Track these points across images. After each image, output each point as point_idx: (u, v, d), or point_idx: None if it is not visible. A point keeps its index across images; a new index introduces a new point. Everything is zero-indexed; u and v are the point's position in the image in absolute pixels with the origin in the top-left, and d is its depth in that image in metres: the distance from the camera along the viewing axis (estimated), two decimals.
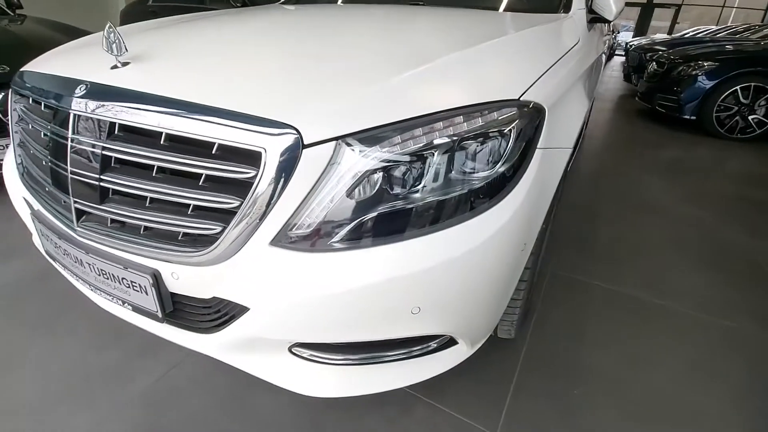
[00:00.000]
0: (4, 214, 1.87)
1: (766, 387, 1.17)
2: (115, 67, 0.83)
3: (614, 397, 1.11)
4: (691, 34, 9.80)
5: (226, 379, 1.09)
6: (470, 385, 1.12)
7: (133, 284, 0.80)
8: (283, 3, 2.06)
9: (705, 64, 3.93)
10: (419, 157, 0.71)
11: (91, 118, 0.77)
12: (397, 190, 0.71)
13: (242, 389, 1.07)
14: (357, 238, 0.70)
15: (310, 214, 0.69)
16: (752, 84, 3.74)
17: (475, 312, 0.80)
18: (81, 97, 0.79)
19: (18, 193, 1.06)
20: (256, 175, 0.67)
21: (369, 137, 0.68)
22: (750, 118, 3.84)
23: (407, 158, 0.70)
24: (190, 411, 1.02)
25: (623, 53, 12.10)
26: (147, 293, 0.79)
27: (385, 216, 0.70)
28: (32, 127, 0.96)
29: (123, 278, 0.81)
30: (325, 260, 0.69)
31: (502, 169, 0.75)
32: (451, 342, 0.85)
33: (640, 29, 13.83)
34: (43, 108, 0.91)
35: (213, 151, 0.70)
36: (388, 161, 0.69)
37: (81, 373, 1.11)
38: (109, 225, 0.80)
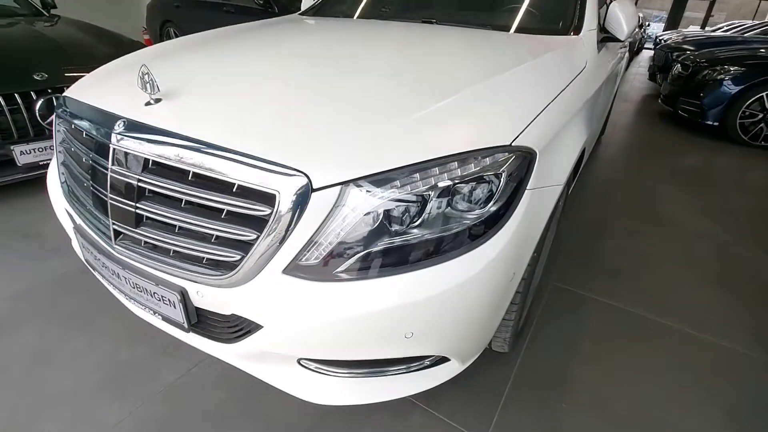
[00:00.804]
0: (42, 213, 2.02)
1: (754, 411, 1.22)
2: (148, 103, 0.93)
3: (599, 412, 1.18)
4: (725, 28, 9.46)
5: (241, 378, 1.21)
6: (465, 395, 1.21)
7: (164, 298, 0.91)
8: (302, 14, 2.13)
9: (731, 68, 3.84)
10: (417, 198, 0.79)
11: (129, 153, 0.88)
12: (395, 228, 0.79)
13: (256, 388, 1.18)
14: (358, 270, 0.79)
15: (318, 248, 0.78)
16: None
17: (464, 336, 0.89)
18: (120, 133, 0.89)
19: (60, 204, 1.18)
20: (271, 213, 0.76)
21: (371, 181, 0.76)
22: None
23: (406, 200, 0.78)
24: (208, 406, 1.14)
25: (652, 47, 11.76)
26: (175, 307, 0.90)
27: (383, 252, 0.78)
28: (74, 150, 1.07)
29: (155, 293, 0.92)
30: (329, 289, 0.78)
31: (493, 209, 0.83)
32: (443, 359, 0.94)
33: (672, 22, 13.33)
34: (84, 135, 1.02)
35: (234, 189, 0.79)
36: (388, 203, 0.77)
37: (113, 367, 1.25)
38: (142, 246, 0.91)
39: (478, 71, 1.07)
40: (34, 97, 2.02)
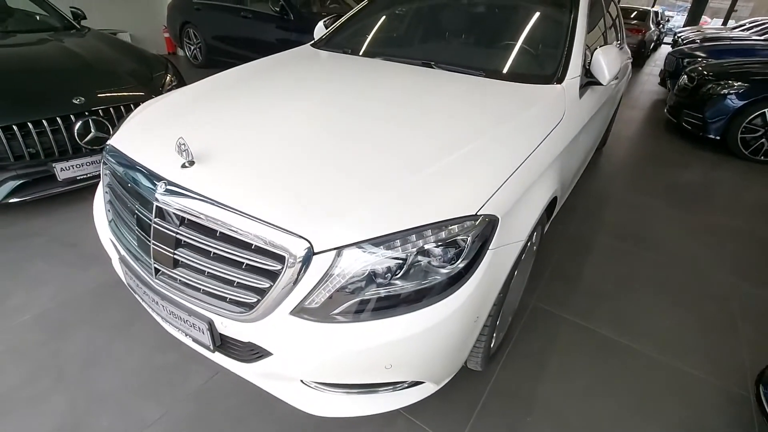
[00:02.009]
0: (78, 222, 2.27)
1: None
2: (184, 165, 1.14)
3: (558, 426, 1.39)
4: (748, 25, 9.28)
5: (255, 386, 1.43)
6: (444, 406, 1.42)
7: (194, 326, 1.14)
8: (314, 44, 2.31)
9: (735, 83, 3.90)
10: (398, 258, 0.98)
11: (169, 210, 1.09)
12: (380, 281, 0.99)
13: (268, 395, 1.41)
14: (351, 313, 0.99)
15: (317, 297, 0.98)
16: None
17: (434, 365, 1.09)
18: (162, 193, 1.10)
19: (106, 235, 1.40)
20: (282, 269, 0.97)
21: (361, 245, 0.96)
22: None
23: (389, 260, 0.98)
24: (230, 407, 1.37)
25: (671, 42, 11.57)
26: (204, 333, 1.13)
27: (370, 300, 0.99)
28: (120, 194, 1.29)
29: (187, 320, 1.15)
30: (326, 328, 0.99)
31: (461, 266, 1.02)
32: (419, 382, 1.15)
33: (693, 17, 13.02)
34: (129, 185, 1.24)
35: (252, 246, 1.00)
36: (375, 262, 0.97)
37: (149, 370, 1.49)
38: (178, 282, 1.13)
39: (458, 137, 1.25)
40: (73, 120, 2.25)
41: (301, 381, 1.12)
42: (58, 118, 2.21)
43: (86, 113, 2.30)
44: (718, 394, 1.55)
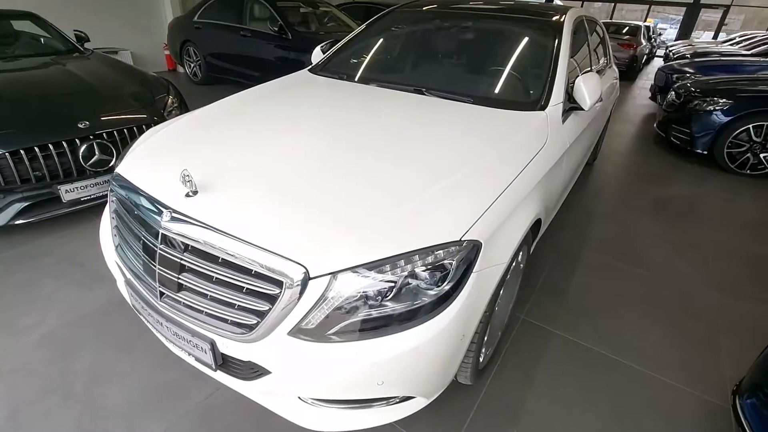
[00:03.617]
0: (84, 242, 2.35)
1: None
2: (188, 195, 1.22)
3: None
4: (738, 39, 9.50)
5: (254, 401, 1.49)
6: (436, 419, 1.48)
7: (197, 346, 1.21)
8: (311, 69, 2.41)
9: (720, 100, 4.02)
10: (389, 282, 1.06)
11: (173, 237, 1.17)
12: (371, 303, 1.06)
13: (267, 410, 1.47)
14: (344, 333, 1.06)
15: (313, 319, 1.06)
16: (765, 123, 3.81)
17: (423, 381, 1.16)
18: (167, 221, 1.18)
19: (111, 258, 1.48)
20: (280, 293, 1.04)
21: (355, 271, 1.04)
22: (762, 156, 3.92)
23: (380, 284, 1.06)
24: (229, 423, 1.43)
25: (663, 56, 11.80)
26: (206, 353, 1.19)
27: (362, 321, 1.06)
28: (126, 220, 1.37)
29: (190, 341, 1.22)
30: (321, 348, 1.06)
31: (446, 288, 1.10)
32: (410, 396, 1.22)
33: (684, 31, 13.30)
34: (135, 212, 1.31)
35: (252, 272, 1.08)
36: (366, 286, 1.05)
37: (152, 387, 1.55)
38: (182, 305, 1.20)
39: (445, 166, 1.34)
40: (78, 143, 2.34)
41: (299, 397, 1.19)
42: (63, 142, 2.30)
43: (91, 137, 2.39)
44: (699, 406, 1.61)
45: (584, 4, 16.04)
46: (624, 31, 9.40)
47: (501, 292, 1.42)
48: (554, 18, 2.21)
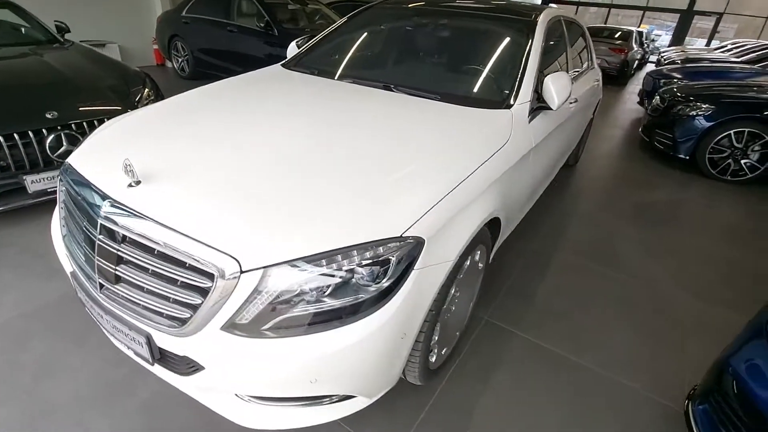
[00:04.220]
0: (48, 234, 2.30)
1: None
2: (130, 185, 1.19)
3: None
4: (730, 46, 9.56)
5: None
6: (385, 419, 1.46)
7: (135, 339, 1.18)
8: (284, 64, 2.39)
9: (703, 105, 4.03)
10: (324, 277, 1.04)
11: (111, 228, 1.14)
12: (307, 299, 1.04)
13: None
14: (278, 329, 1.04)
15: (247, 314, 1.03)
16: (746, 129, 3.82)
17: (363, 380, 1.14)
18: (106, 211, 1.15)
19: (62, 250, 1.45)
20: (212, 286, 1.02)
21: (289, 265, 1.02)
22: (742, 162, 3.93)
23: (315, 280, 1.03)
24: (176, 421, 1.40)
25: (655, 62, 11.87)
26: (143, 346, 1.17)
27: (297, 318, 1.04)
28: (72, 211, 1.34)
29: (128, 334, 1.19)
30: (254, 344, 1.03)
31: (385, 285, 1.08)
32: (350, 396, 1.19)
33: (677, 37, 13.38)
34: (80, 202, 1.29)
35: (186, 265, 1.05)
36: (301, 281, 1.03)
37: (102, 382, 1.52)
38: (120, 297, 1.18)
39: (398, 161, 1.32)
40: (45, 133, 2.30)
41: (236, 395, 1.16)
42: (30, 132, 2.26)
43: (59, 127, 2.35)
44: (656, 410, 1.60)
45: (579, 9, 16.10)
46: (616, 36, 9.44)
47: (453, 291, 1.40)
48: (528, 17, 2.20)
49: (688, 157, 4.16)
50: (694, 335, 1.99)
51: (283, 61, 2.44)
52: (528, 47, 2.01)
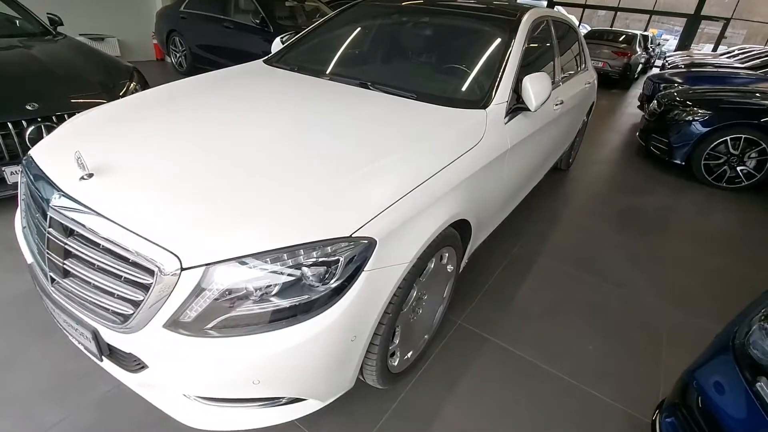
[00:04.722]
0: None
1: None
2: (82, 178, 1.17)
3: None
4: (736, 52, 9.45)
5: None
6: (345, 422, 1.44)
7: (82, 334, 1.16)
8: (266, 60, 2.37)
9: (699, 110, 3.97)
10: (269, 276, 1.01)
11: (60, 221, 1.12)
12: (252, 298, 1.02)
13: None
14: (221, 328, 1.01)
15: (189, 312, 1.01)
16: (743, 136, 3.76)
17: (310, 383, 1.12)
18: (55, 204, 1.14)
19: (23, 242, 1.43)
20: (153, 282, 1.00)
21: (232, 264, 0.99)
22: (738, 169, 3.87)
23: (260, 279, 1.01)
24: (130, 417, 1.38)
25: (660, 66, 11.78)
26: (90, 341, 1.15)
27: (240, 317, 1.01)
28: (28, 203, 1.32)
29: (76, 329, 1.17)
30: (194, 343, 1.01)
31: (333, 286, 1.05)
32: (299, 399, 1.17)
33: (684, 42, 13.25)
34: (35, 194, 1.27)
35: (130, 260, 1.03)
36: (245, 280, 1.00)
37: (60, 375, 1.50)
38: (68, 292, 1.16)
39: (359, 159, 1.29)
40: (25, 125, 2.30)
41: (183, 394, 1.14)
42: (9, 124, 2.25)
43: (39, 119, 2.34)
44: (624, 421, 1.57)
45: (586, 12, 15.99)
46: (620, 39, 9.35)
47: (414, 293, 1.37)
48: (511, 17, 2.16)
49: (683, 163, 4.10)
50: (671, 346, 1.95)
51: (266, 57, 2.42)
52: (508, 47, 1.97)
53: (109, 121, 1.55)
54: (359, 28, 2.44)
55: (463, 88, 1.91)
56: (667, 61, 8.95)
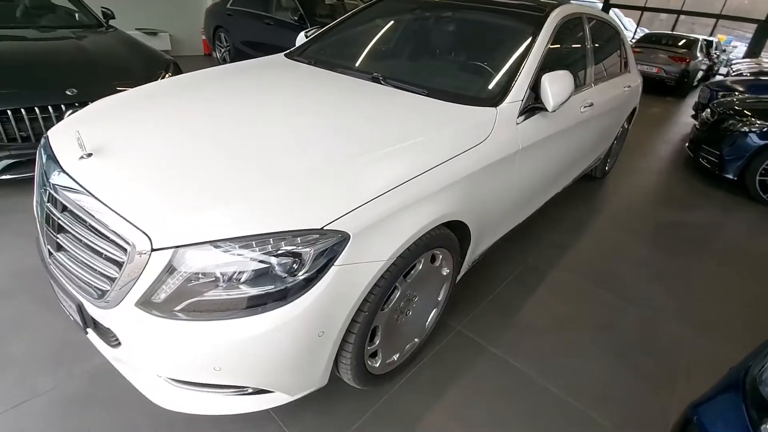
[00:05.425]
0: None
1: None
2: (81, 157, 1.23)
3: None
4: None
5: None
6: (322, 419, 1.41)
7: (71, 306, 1.21)
8: (288, 54, 2.39)
9: (757, 121, 3.61)
10: (238, 263, 1.01)
11: (55, 196, 1.18)
12: (218, 284, 1.01)
13: None
14: (188, 311, 1.02)
15: (160, 293, 1.02)
16: None
17: (275, 375, 1.10)
18: (54, 180, 1.19)
19: (36, 216, 1.52)
20: (125, 260, 1.02)
21: (202, 248, 1.00)
22: None
23: (229, 264, 1.00)
24: (116, 390, 1.43)
25: (725, 74, 10.92)
26: (76, 313, 1.20)
27: (206, 302, 1.01)
28: (39, 180, 1.40)
29: (66, 300, 1.22)
30: (163, 324, 1.02)
31: (301, 278, 1.03)
32: (267, 390, 1.16)
33: (753, 49, 12.16)
34: (43, 170, 1.34)
35: (109, 237, 1.06)
36: (213, 265, 1.00)
37: (60, 344, 1.58)
38: (59, 265, 1.21)
39: (348, 152, 1.26)
40: (63, 109, 2.46)
41: (157, 374, 1.16)
42: (49, 107, 2.42)
43: (77, 104, 2.50)
44: None
45: (647, 15, 15.07)
46: (679, 43, 8.71)
47: (398, 294, 1.33)
48: (538, 13, 2.05)
49: (735, 178, 3.74)
50: (688, 376, 1.77)
51: (287, 51, 2.44)
52: (530, 44, 1.87)
53: (122, 107, 1.61)
54: (379, 24, 2.42)
55: (476, 86, 1.84)
56: (731, 69, 8.25)
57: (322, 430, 1.38)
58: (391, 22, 2.40)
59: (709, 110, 4.20)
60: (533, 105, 1.78)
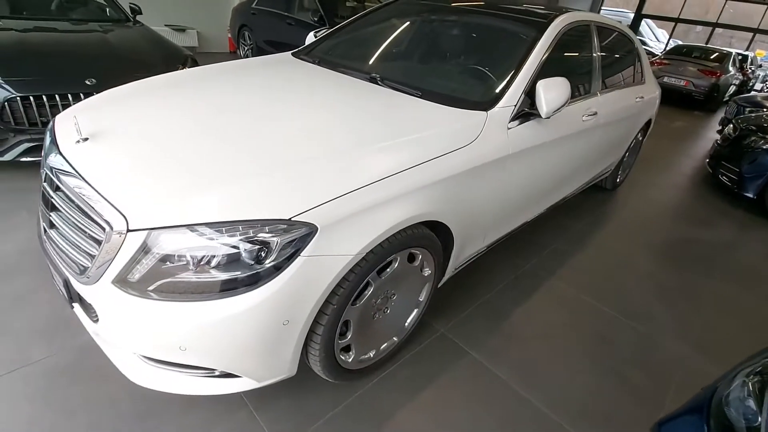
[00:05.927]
0: None
1: None
2: (78, 141, 1.30)
3: None
4: None
5: None
6: (293, 408, 1.44)
7: (59, 281, 1.28)
8: (295, 53, 2.45)
9: None
10: (208, 247, 1.05)
11: (50, 176, 1.25)
12: (189, 267, 1.05)
13: None
14: (160, 292, 1.06)
15: (135, 272, 1.07)
16: None
17: (240, 360, 1.13)
18: (51, 162, 1.27)
19: None
20: (103, 239, 1.08)
21: (173, 230, 1.04)
22: None
23: (200, 248, 1.04)
24: (104, 364, 1.50)
25: (759, 90, 10.54)
26: (63, 288, 1.27)
27: (176, 284, 1.05)
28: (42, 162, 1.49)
29: (55, 275, 1.29)
30: (135, 302, 1.07)
31: (267, 266, 1.06)
32: (235, 375, 1.19)
33: None
34: (46, 152, 1.42)
35: (91, 217, 1.12)
36: (186, 248, 1.04)
37: (59, 317, 1.66)
38: (50, 242, 1.28)
39: (328, 149, 1.29)
40: (82, 97, 2.58)
41: (132, 352, 1.21)
42: (69, 95, 2.55)
43: (95, 93, 2.62)
44: None
45: (682, 28, 14.62)
46: (711, 57, 8.42)
47: (371, 290, 1.34)
48: (541, 19, 2.04)
49: (755, 197, 3.60)
50: (680, 393, 1.72)
51: (294, 50, 2.50)
52: (528, 50, 1.86)
53: (128, 96, 1.69)
54: (384, 27, 2.45)
55: (470, 89, 1.84)
56: (766, 85, 7.93)
57: (293, 419, 1.41)
58: (396, 24, 2.43)
59: (731, 125, 4.05)
60: (528, 111, 1.77)
